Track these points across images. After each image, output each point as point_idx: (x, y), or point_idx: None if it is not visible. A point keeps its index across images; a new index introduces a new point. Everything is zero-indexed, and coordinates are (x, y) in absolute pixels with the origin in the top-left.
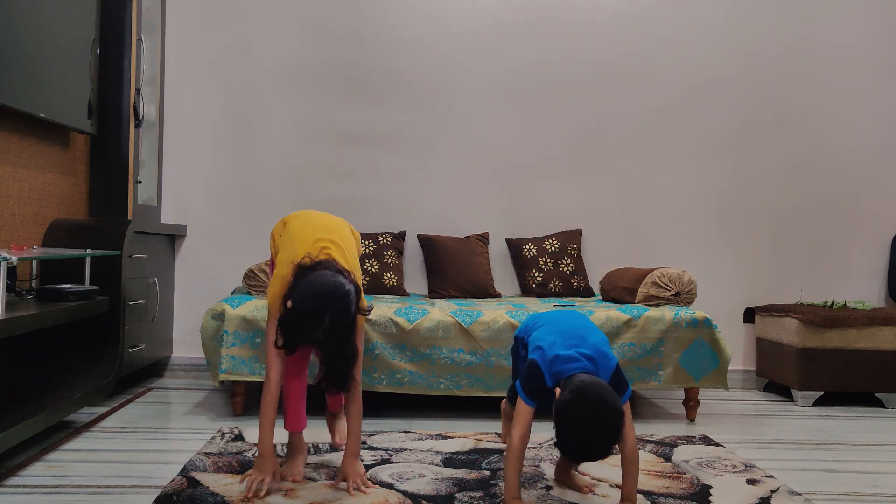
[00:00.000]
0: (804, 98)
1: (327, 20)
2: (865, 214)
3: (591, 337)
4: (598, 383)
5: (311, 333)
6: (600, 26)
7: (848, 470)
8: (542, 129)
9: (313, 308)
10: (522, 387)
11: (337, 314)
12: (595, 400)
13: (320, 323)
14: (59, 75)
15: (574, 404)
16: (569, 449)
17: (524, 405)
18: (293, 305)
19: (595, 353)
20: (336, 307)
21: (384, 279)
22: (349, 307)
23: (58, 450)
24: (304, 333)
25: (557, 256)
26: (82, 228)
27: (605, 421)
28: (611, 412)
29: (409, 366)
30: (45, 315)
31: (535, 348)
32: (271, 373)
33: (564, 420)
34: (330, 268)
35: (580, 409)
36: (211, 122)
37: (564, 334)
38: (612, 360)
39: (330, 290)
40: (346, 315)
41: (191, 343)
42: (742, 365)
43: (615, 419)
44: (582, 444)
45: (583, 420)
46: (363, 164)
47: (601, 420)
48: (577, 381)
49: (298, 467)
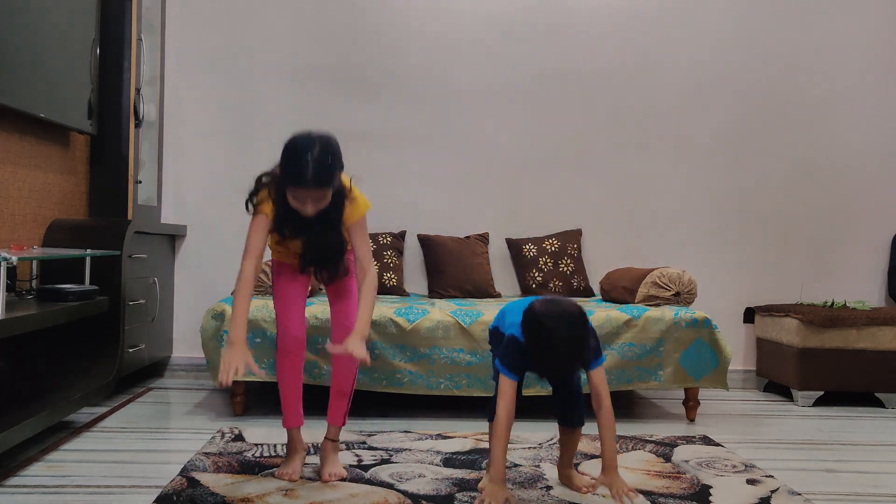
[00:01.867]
0: (804, 98)
1: (327, 20)
2: (865, 214)
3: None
4: (559, 298)
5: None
6: (600, 26)
7: (848, 470)
8: (543, 129)
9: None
10: (501, 362)
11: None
12: (558, 300)
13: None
14: (59, 75)
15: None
16: (547, 347)
17: (506, 379)
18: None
19: None
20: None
21: (384, 279)
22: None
23: (58, 450)
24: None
25: (557, 256)
26: (82, 228)
27: (570, 316)
28: (573, 308)
29: (409, 366)
30: (45, 315)
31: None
32: (248, 257)
33: (533, 323)
34: None
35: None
36: (211, 122)
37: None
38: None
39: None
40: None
41: (191, 343)
42: (742, 365)
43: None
44: (554, 344)
45: (549, 315)
46: (363, 163)
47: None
48: (541, 299)
49: (297, 466)
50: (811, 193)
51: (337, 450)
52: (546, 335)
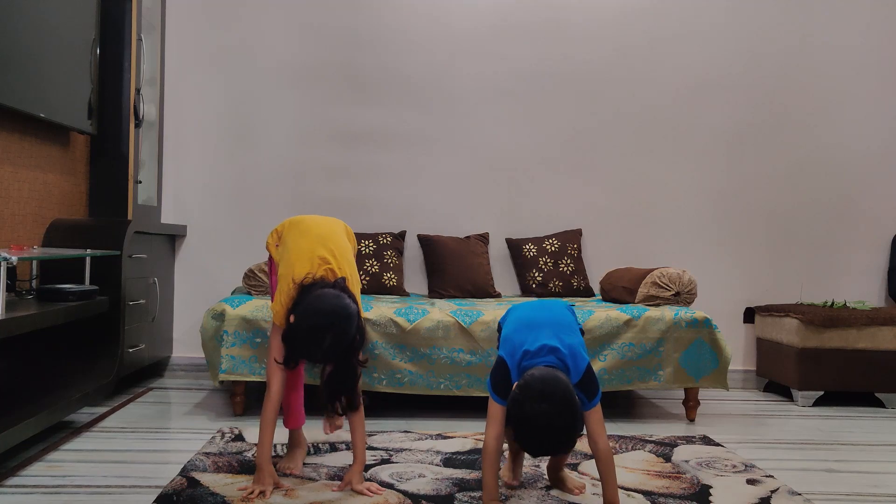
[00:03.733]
0: (804, 98)
1: (327, 20)
2: (865, 214)
3: (567, 337)
4: (549, 375)
5: (312, 351)
6: (600, 26)
7: (848, 470)
8: (543, 129)
9: (316, 325)
10: (492, 385)
11: (338, 335)
12: (544, 394)
13: (321, 342)
14: (59, 75)
15: (523, 397)
16: (525, 443)
17: (495, 404)
18: (296, 322)
19: (564, 348)
20: (338, 328)
21: (384, 279)
22: (351, 329)
23: (58, 450)
24: (304, 350)
25: (557, 256)
26: (82, 228)
27: (556, 414)
28: (562, 403)
29: (409, 366)
30: (45, 315)
31: (504, 341)
32: (272, 385)
33: (516, 416)
34: (332, 286)
35: (529, 403)
36: (211, 122)
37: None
38: (583, 360)
39: (333, 311)
40: (347, 336)
41: (191, 343)
42: (742, 365)
43: (567, 410)
44: (537, 438)
45: (533, 414)
46: (363, 163)
47: (552, 413)
48: (528, 376)
49: (298, 461)
50: (811, 193)
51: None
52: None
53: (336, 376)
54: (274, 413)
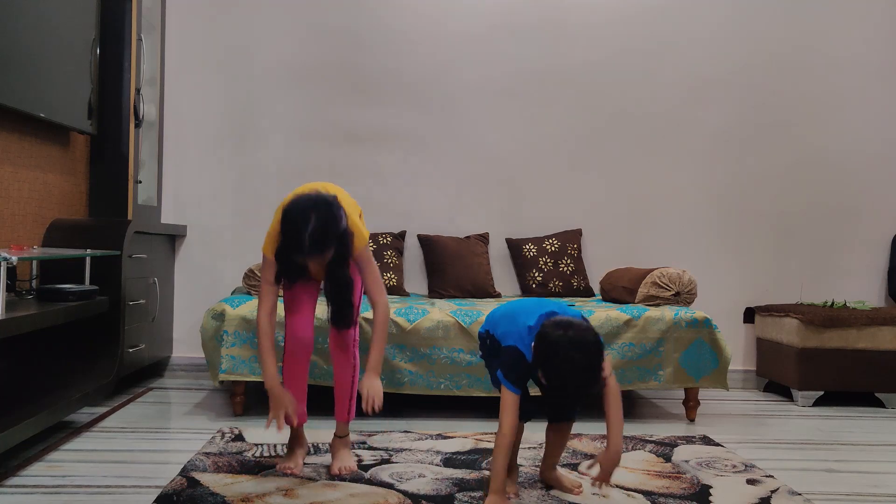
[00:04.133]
0: (804, 98)
1: (327, 20)
2: (865, 214)
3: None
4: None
5: (300, 237)
6: (600, 26)
7: (848, 470)
8: (543, 129)
9: (299, 206)
10: (505, 375)
11: (323, 217)
12: (570, 324)
13: (307, 223)
14: (59, 75)
15: (549, 331)
16: (560, 378)
17: (510, 394)
18: (283, 214)
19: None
20: (321, 209)
21: (384, 279)
22: (335, 214)
23: (58, 450)
24: (292, 239)
25: (557, 256)
26: (82, 228)
27: (583, 331)
28: (587, 329)
29: (409, 366)
30: (45, 315)
31: (504, 336)
32: (261, 308)
33: (544, 349)
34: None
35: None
36: (211, 122)
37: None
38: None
39: (316, 196)
40: (332, 221)
41: (191, 343)
42: (742, 365)
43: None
44: (568, 360)
45: (562, 340)
46: (363, 163)
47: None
48: (546, 324)
49: (299, 460)
50: (811, 193)
51: (347, 445)
52: (563, 367)
53: (331, 287)
54: (269, 340)
